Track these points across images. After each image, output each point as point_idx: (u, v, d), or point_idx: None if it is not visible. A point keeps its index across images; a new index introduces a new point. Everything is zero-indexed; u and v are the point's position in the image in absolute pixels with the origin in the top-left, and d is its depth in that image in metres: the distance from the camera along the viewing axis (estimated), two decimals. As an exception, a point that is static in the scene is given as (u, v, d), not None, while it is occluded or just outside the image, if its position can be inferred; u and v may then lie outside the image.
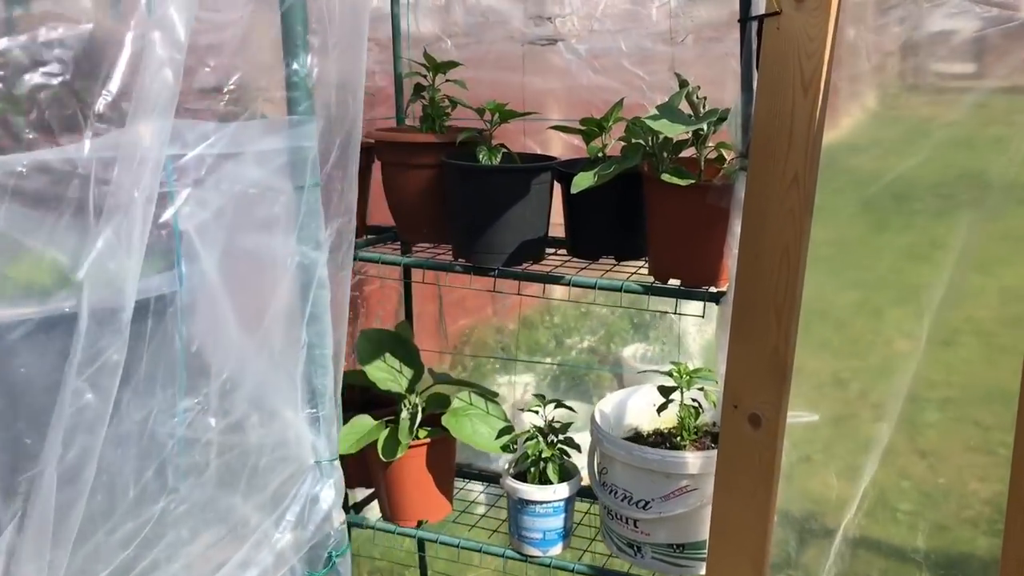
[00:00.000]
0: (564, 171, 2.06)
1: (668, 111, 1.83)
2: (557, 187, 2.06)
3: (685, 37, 2.13)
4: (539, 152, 2.35)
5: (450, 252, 2.16)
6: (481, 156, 2.05)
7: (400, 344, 2.35)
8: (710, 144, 1.90)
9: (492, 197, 2.00)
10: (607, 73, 2.22)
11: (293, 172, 1.47)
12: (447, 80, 2.24)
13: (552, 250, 2.22)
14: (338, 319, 1.59)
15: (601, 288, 1.98)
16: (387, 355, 2.31)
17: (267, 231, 1.42)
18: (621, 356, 3.70)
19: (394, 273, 2.33)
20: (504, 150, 2.09)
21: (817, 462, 2.01)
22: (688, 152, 1.92)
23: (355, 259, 2.19)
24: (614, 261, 2.11)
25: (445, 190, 2.10)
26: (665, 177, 1.80)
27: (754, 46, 1.67)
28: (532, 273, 2.05)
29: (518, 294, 2.07)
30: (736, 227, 1.76)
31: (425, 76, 2.24)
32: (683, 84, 1.89)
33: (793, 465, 1.91)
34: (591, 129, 2.07)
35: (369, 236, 2.42)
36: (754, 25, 1.65)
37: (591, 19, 2.22)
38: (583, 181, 1.84)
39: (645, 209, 1.95)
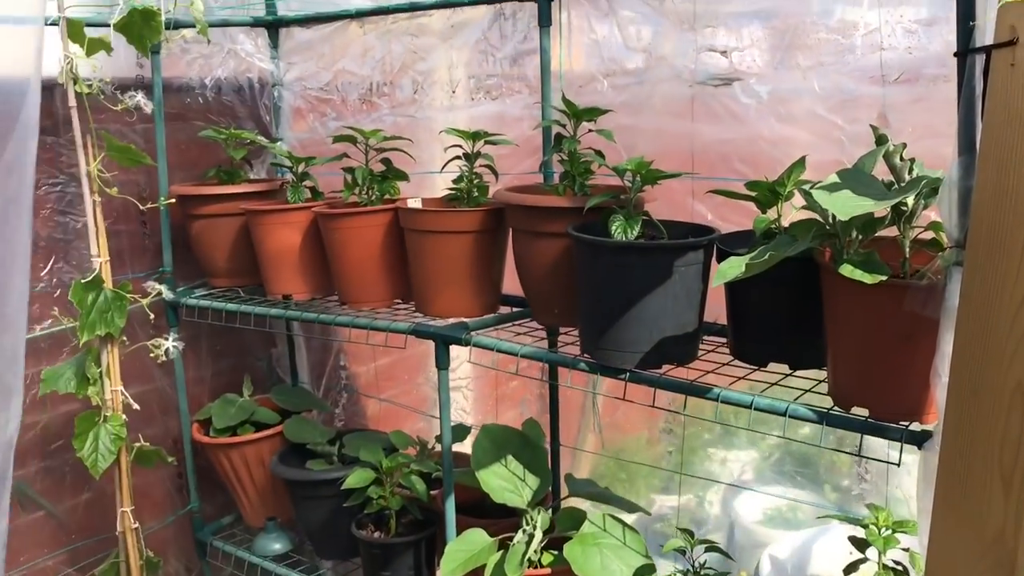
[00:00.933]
0: (725, 249, 1.61)
1: (853, 179, 1.34)
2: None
3: (900, 75, 1.60)
4: (707, 220, 1.90)
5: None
6: (614, 228, 1.64)
7: (526, 446, 1.98)
8: (918, 224, 1.38)
9: (624, 280, 1.59)
10: (795, 121, 1.74)
11: None
12: (591, 130, 1.86)
13: (712, 345, 1.76)
14: None
15: (759, 410, 1.50)
16: (509, 459, 1.95)
17: None
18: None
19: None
20: (646, 219, 1.67)
21: None
22: (889, 230, 1.41)
23: (468, 342, 1.86)
24: (787, 369, 1.62)
25: (574, 266, 1.71)
26: (845, 271, 1.31)
27: (978, 90, 1.16)
28: (671, 381, 1.61)
29: (652, 406, 1.63)
30: (947, 344, 1.24)
31: (565, 125, 1.88)
32: (881, 140, 1.38)
33: None
34: (763, 195, 1.61)
35: (503, 311, 2.08)
36: (978, 60, 1.14)
37: (775, 53, 1.75)
38: (729, 270, 1.38)
39: (823, 309, 1.45)
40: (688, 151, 1.90)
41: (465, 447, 2.20)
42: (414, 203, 2.15)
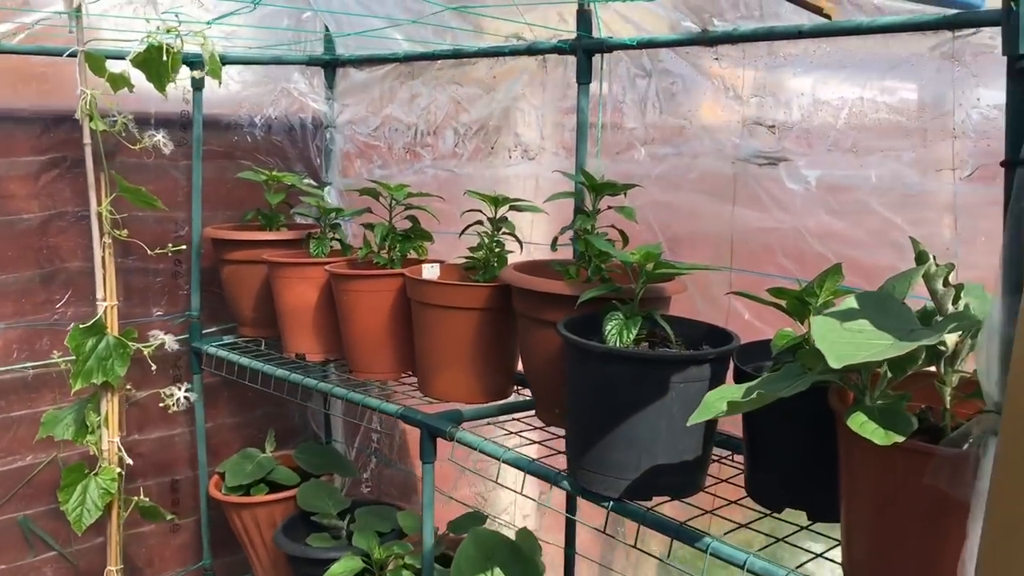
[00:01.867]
0: (742, 368, 1.36)
1: (877, 306, 1.08)
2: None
3: (974, 170, 1.30)
4: (743, 320, 1.63)
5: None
6: (609, 329, 1.41)
7: (517, 560, 1.76)
8: (965, 369, 1.10)
9: (611, 393, 1.36)
10: (847, 215, 1.45)
11: None
12: (610, 207, 1.64)
13: (733, 469, 1.50)
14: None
15: (752, 573, 1.23)
16: (495, 571, 1.73)
17: None
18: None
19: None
20: (656, 318, 1.44)
21: None
22: (928, 367, 1.13)
23: (452, 437, 1.66)
24: (806, 519, 1.35)
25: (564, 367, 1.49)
26: (854, 422, 1.04)
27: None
28: (657, 519, 1.36)
29: (634, 546, 1.38)
30: (977, 530, 0.96)
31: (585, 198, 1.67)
32: (921, 257, 1.11)
33: None
34: (791, 304, 1.35)
35: (516, 399, 1.88)
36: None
37: (828, 133, 1.47)
38: (711, 406, 1.13)
39: (839, 461, 1.18)
40: (727, 236, 1.64)
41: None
42: (430, 270, 1.98)
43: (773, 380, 1.16)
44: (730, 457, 1.61)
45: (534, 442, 1.71)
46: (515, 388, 1.95)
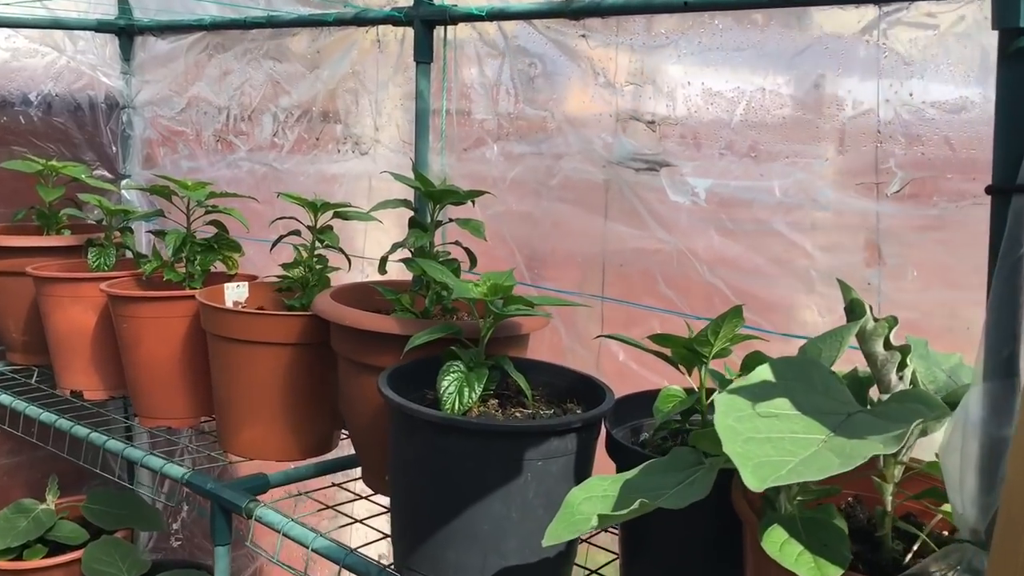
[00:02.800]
0: (617, 439, 1.08)
1: (800, 377, 0.79)
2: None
3: (904, 186, 1.04)
4: (619, 362, 1.34)
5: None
6: (445, 386, 1.08)
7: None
8: (915, 461, 0.83)
9: (446, 473, 1.04)
10: (744, 236, 1.18)
11: None
12: (454, 219, 1.32)
13: (586, 564, 1.20)
14: None
15: None
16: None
17: None
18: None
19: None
20: (500, 366, 1.12)
21: None
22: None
23: (250, 514, 1.31)
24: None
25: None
26: (770, 545, 0.75)
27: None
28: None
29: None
30: None
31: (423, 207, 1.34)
32: (855, 308, 0.83)
33: None
34: (678, 353, 1.06)
35: (330, 458, 1.53)
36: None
37: (721, 132, 1.19)
38: (574, 516, 0.83)
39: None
40: (599, 257, 1.34)
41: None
42: (236, 291, 1.61)
43: (658, 473, 0.87)
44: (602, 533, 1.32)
45: (357, 521, 1.37)
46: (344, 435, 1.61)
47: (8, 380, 1.98)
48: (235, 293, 1.60)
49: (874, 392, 0.84)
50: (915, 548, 0.85)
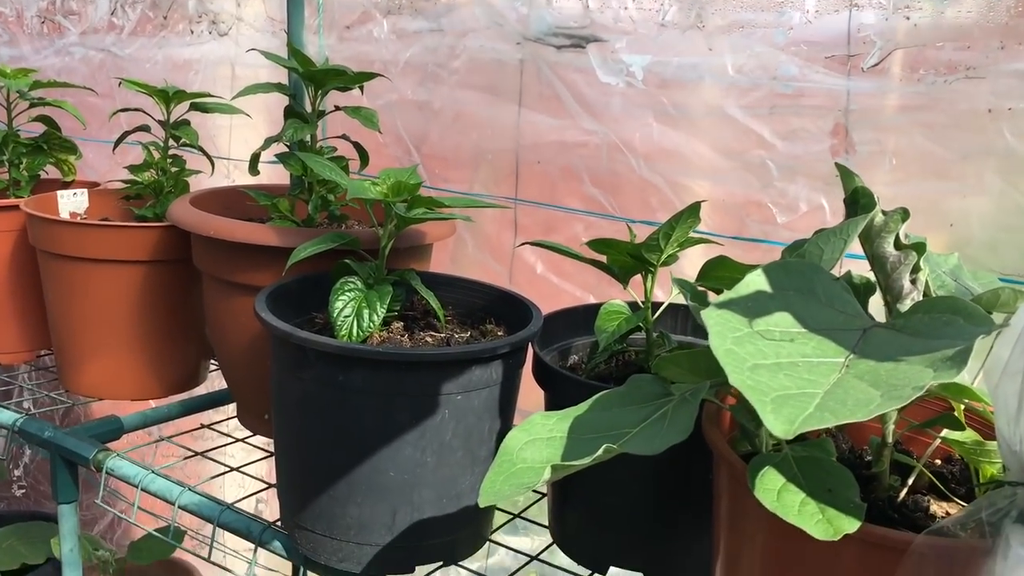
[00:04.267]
0: (546, 362, 0.91)
1: (800, 283, 0.64)
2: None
3: (881, 59, 0.89)
4: (536, 274, 1.17)
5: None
6: (339, 308, 0.89)
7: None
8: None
9: (346, 415, 0.86)
10: (689, 124, 1.01)
11: None
12: (337, 107, 1.11)
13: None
14: None
15: None
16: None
17: None
18: None
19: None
20: (404, 281, 0.94)
21: None
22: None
23: (99, 467, 1.10)
24: (640, 581, 0.93)
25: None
26: (764, 494, 0.61)
27: None
28: (424, 608, 0.89)
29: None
30: None
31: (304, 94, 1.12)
32: (859, 197, 0.68)
33: None
34: (619, 261, 0.90)
35: (198, 395, 1.32)
36: None
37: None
38: (517, 465, 0.67)
39: (717, 525, 0.76)
40: (511, 153, 1.15)
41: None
42: (72, 200, 1.35)
43: (614, 407, 0.71)
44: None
45: (232, 469, 1.18)
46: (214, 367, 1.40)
47: None
48: (72, 203, 1.35)
49: (875, 302, 0.70)
50: (910, 482, 0.73)
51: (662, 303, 0.92)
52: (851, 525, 0.59)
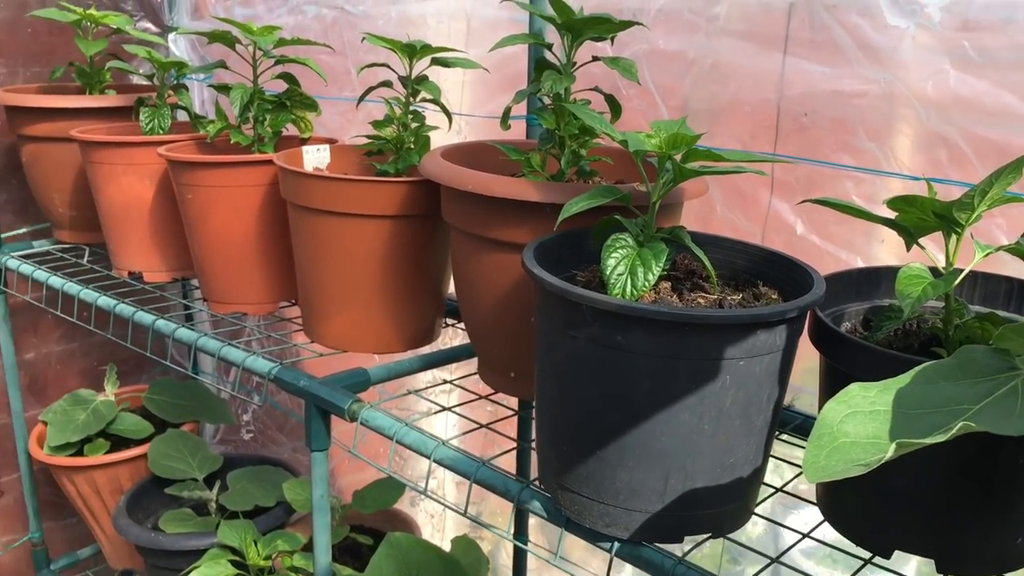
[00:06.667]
0: (830, 325, 0.86)
1: None
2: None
3: None
4: (796, 235, 1.11)
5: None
6: (612, 266, 0.87)
7: (453, 578, 1.26)
8: None
9: (620, 378, 0.83)
10: (995, 71, 0.92)
11: None
12: (595, 57, 1.08)
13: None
14: None
15: None
16: None
17: None
18: None
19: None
20: (674, 240, 0.91)
21: None
22: None
23: (354, 417, 1.12)
24: (933, 568, 0.87)
25: (535, 322, 0.94)
26: None
27: None
28: (692, 573, 0.86)
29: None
30: None
31: (553, 45, 1.10)
32: None
33: None
34: (919, 220, 0.84)
35: (437, 350, 1.34)
36: None
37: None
38: (841, 440, 0.62)
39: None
40: (773, 105, 1.09)
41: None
42: (316, 155, 1.39)
43: (946, 381, 0.65)
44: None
45: (482, 426, 1.18)
46: (447, 323, 1.41)
47: (57, 260, 1.80)
48: (315, 158, 1.39)
49: None
50: None
51: (962, 269, 0.84)
52: None
